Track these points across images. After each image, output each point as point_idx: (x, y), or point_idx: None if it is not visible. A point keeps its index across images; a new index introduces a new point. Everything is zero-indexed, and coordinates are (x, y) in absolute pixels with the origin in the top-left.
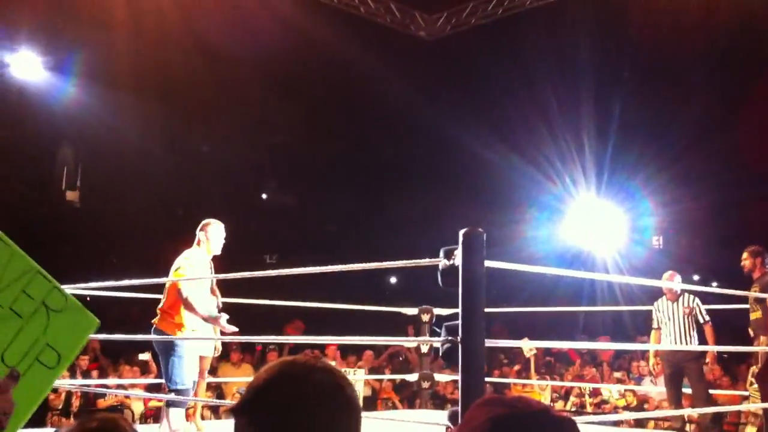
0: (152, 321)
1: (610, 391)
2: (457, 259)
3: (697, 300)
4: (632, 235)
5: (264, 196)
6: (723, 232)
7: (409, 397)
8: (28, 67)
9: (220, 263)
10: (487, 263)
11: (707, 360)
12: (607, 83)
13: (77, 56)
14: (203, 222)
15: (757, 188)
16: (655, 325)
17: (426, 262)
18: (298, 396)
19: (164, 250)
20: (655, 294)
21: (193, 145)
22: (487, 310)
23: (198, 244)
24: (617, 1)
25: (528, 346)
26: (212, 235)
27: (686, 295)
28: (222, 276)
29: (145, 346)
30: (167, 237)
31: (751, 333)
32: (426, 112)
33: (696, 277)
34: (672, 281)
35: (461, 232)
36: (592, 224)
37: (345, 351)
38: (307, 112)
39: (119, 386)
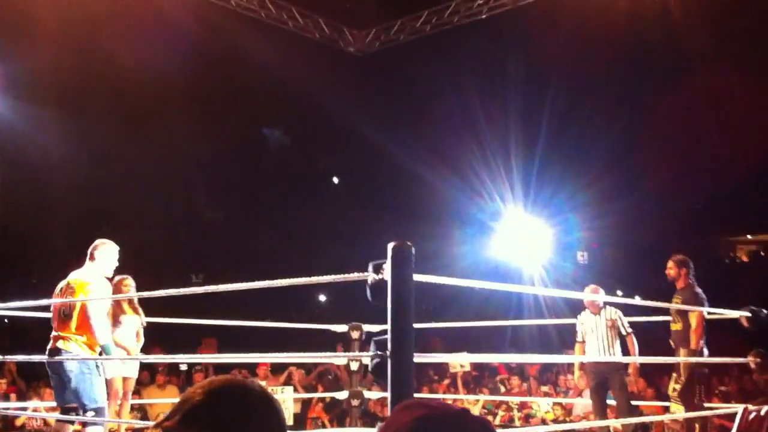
0: (56, 345)
1: (538, 404)
2: (386, 273)
3: (619, 312)
4: (558, 250)
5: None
6: (645, 247)
7: (339, 415)
8: None
9: (146, 282)
10: (416, 277)
11: (630, 371)
12: (534, 100)
13: None
14: (97, 242)
15: (676, 203)
16: (579, 338)
17: (354, 276)
18: (235, 414)
19: None
20: (579, 308)
21: (121, 160)
22: (417, 325)
23: (91, 260)
24: (544, 20)
25: (460, 361)
26: (105, 256)
27: (608, 308)
28: (145, 294)
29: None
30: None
31: (672, 345)
32: (357, 127)
33: (620, 292)
34: (595, 294)
35: (389, 246)
36: (520, 240)
37: (275, 370)
38: (238, 127)
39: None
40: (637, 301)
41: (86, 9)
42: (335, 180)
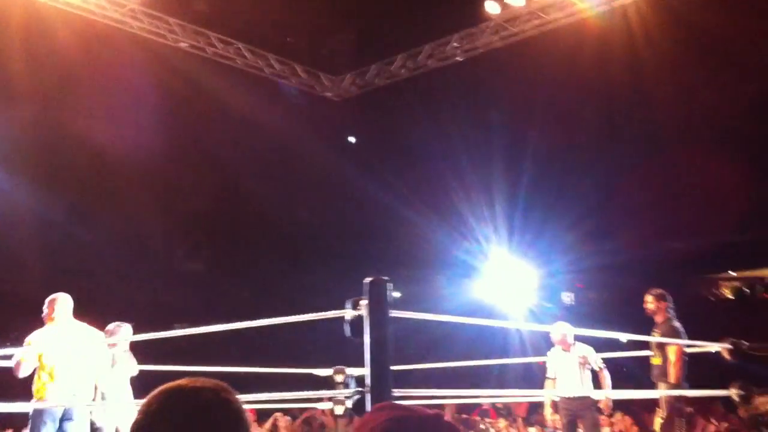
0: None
1: None
2: (363, 308)
3: (590, 349)
4: (543, 291)
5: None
6: (630, 288)
7: None
8: None
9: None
10: (393, 312)
11: (601, 406)
12: (517, 142)
13: None
14: (50, 297)
15: (659, 242)
16: (550, 375)
17: (333, 313)
18: (190, 415)
19: None
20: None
21: (98, 214)
22: (399, 367)
23: (49, 320)
24: (524, 65)
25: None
26: (59, 308)
27: (579, 344)
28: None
29: None
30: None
31: (653, 379)
32: (338, 170)
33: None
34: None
35: (366, 281)
36: (505, 281)
37: (260, 417)
38: (218, 177)
39: None
40: (615, 333)
41: (60, 66)
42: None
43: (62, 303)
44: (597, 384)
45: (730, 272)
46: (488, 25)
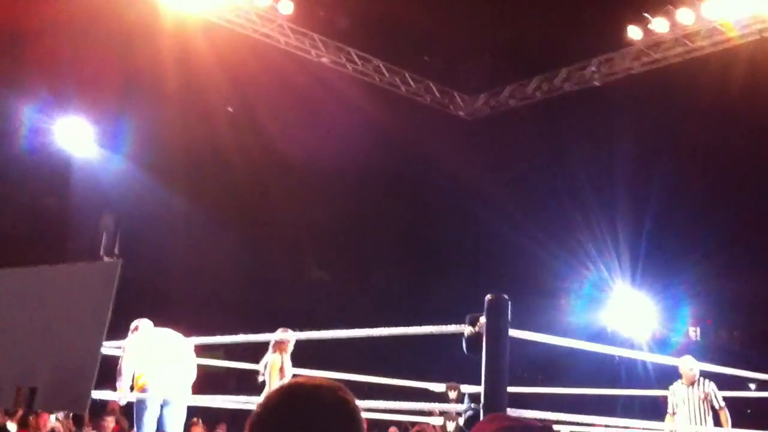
0: None
1: None
2: (482, 326)
3: (713, 385)
4: (668, 324)
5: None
6: (761, 327)
7: None
8: (77, 135)
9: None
10: (512, 332)
11: None
12: (645, 172)
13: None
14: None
15: None
16: (670, 410)
17: (452, 329)
18: (307, 412)
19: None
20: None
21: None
22: (515, 388)
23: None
24: (657, 91)
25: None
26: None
27: (703, 380)
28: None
29: None
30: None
31: None
32: (463, 193)
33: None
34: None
35: (486, 298)
36: (628, 313)
37: (371, 428)
38: (347, 188)
39: None
40: (742, 371)
41: (213, 76)
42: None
43: (144, 324)
44: (717, 422)
45: None
46: (629, 50)
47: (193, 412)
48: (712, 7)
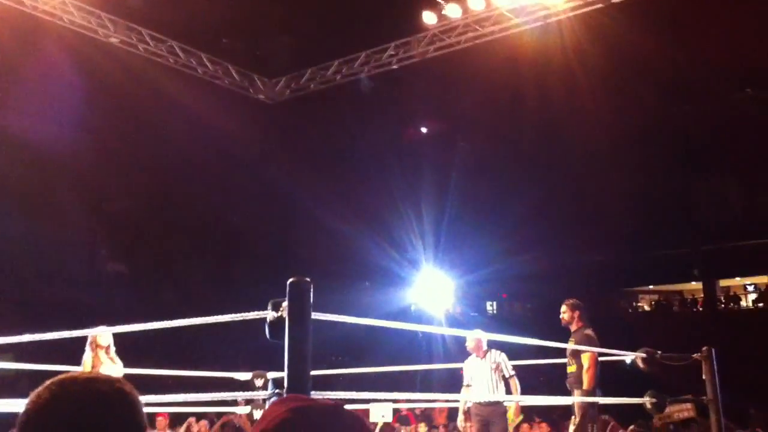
0: None
1: None
2: (285, 310)
3: (503, 355)
4: (468, 300)
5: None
6: (552, 299)
7: None
8: None
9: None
10: (315, 315)
11: (509, 414)
12: (446, 153)
13: None
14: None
15: (582, 257)
16: (465, 382)
17: (254, 314)
18: (80, 406)
19: None
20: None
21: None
22: (324, 372)
23: None
24: (456, 73)
25: (380, 411)
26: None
27: (493, 351)
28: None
29: None
30: None
31: (568, 387)
32: (268, 175)
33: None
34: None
35: (288, 282)
36: (431, 291)
37: (174, 422)
38: (145, 177)
39: None
40: (530, 340)
41: None
42: None
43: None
44: (508, 390)
45: (650, 286)
46: (425, 35)
47: None
48: None
